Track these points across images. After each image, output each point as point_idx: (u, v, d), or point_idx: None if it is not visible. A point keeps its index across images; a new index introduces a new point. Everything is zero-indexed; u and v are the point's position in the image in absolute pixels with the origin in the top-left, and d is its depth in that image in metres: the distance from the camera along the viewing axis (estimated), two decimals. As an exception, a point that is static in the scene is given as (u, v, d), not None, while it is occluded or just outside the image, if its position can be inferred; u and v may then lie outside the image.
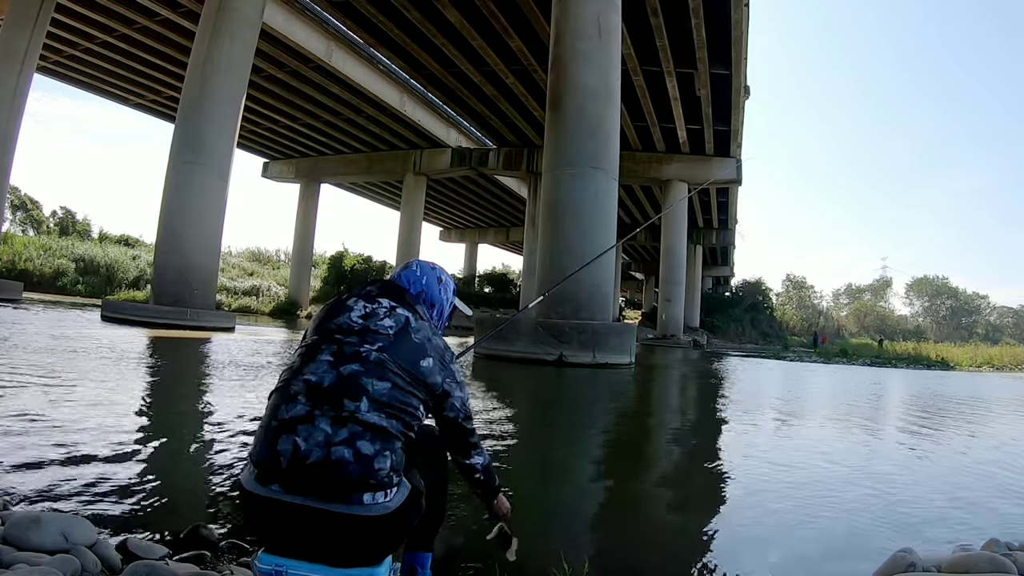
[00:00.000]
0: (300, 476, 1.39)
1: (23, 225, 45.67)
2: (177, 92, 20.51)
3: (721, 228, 45.79)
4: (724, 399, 9.39)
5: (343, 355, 1.52)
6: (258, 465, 1.44)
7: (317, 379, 1.48)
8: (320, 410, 1.44)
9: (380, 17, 20.09)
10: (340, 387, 1.47)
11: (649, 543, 2.77)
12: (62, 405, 4.39)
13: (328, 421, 1.42)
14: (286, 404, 1.47)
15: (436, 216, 52.87)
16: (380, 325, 1.60)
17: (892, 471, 4.50)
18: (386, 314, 1.63)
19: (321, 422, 1.42)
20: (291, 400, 1.47)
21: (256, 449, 1.47)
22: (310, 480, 1.38)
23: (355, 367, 1.50)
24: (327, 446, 1.40)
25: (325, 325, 1.61)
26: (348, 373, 1.49)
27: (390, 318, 1.62)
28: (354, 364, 1.50)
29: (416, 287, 1.84)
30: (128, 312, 15.27)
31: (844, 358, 27.43)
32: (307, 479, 1.39)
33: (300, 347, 1.62)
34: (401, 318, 1.64)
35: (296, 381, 1.50)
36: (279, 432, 1.43)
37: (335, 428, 1.42)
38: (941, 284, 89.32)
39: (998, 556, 2.14)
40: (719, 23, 19.56)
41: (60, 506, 2.42)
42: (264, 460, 1.43)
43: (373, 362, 1.51)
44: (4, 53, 18.06)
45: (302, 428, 1.42)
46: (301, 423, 1.43)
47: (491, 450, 4.24)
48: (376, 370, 1.50)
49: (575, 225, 12.99)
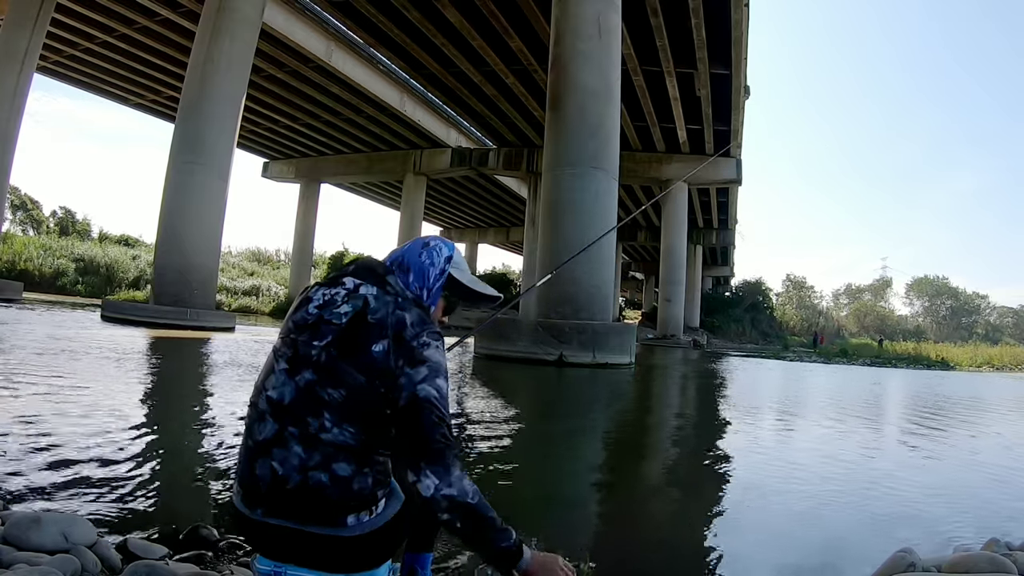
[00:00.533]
0: (281, 502, 1.32)
1: (23, 225, 45.68)
2: (177, 92, 20.50)
3: (721, 228, 45.75)
4: (724, 399, 9.40)
5: (297, 359, 1.37)
6: (242, 486, 1.38)
7: (278, 396, 1.36)
8: (288, 431, 1.32)
9: (380, 17, 20.07)
10: (300, 403, 1.33)
11: (649, 541, 2.77)
12: (61, 405, 4.39)
13: (299, 443, 1.31)
14: (258, 423, 1.37)
15: (436, 216, 52.84)
16: (335, 314, 1.39)
17: (893, 470, 4.50)
18: (345, 298, 1.42)
19: (293, 444, 1.31)
20: (261, 419, 1.36)
21: (239, 470, 1.41)
22: (291, 506, 1.32)
23: (308, 375, 1.34)
24: (303, 471, 1.30)
25: (287, 323, 1.46)
26: (304, 384, 1.34)
27: (348, 302, 1.41)
28: (307, 371, 1.35)
29: (393, 256, 1.57)
30: (128, 312, 15.27)
31: (844, 358, 27.44)
32: (288, 505, 1.32)
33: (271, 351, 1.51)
34: (360, 299, 1.41)
35: (261, 398, 1.39)
36: (256, 455, 1.35)
37: (308, 451, 1.30)
38: (941, 284, 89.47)
39: (998, 556, 2.14)
40: (719, 23, 19.56)
41: (60, 506, 2.42)
42: (246, 484, 1.37)
43: (324, 365, 1.34)
44: (4, 53, 18.05)
45: (277, 451, 1.32)
46: (275, 446, 1.33)
47: (491, 450, 4.23)
48: (328, 374, 1.33)
49: (575, 225, 12.97)
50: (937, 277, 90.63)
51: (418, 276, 1.54)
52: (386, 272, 1.48)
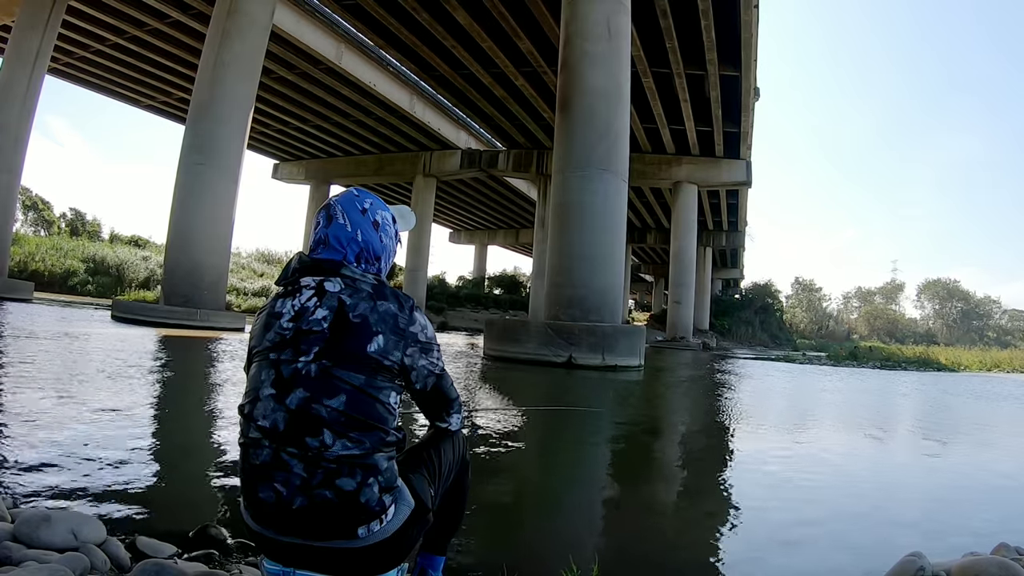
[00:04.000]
0: (288, 521, 1.31)
1: (34, 226, 45.98)
2: (187, 93, 20.60)
3: (731, 230, 45.66)
4: (734, 402, 9.35)
5: (283, 381, 1.34)
6: (248, 507, 1.37)
7: (270, 424, 1.32)
8: (287, 452, 1.31)
9: (390, 19, 20.12)
10: (295, 426, 1.31)
11: (655, 543, 2.74)
12: (71, 404, 4.41)
13: (299, 463, 1.30)
14: (253, 449, 1.35)
15: (446, 218, 53.00)
16: (312, 321, 1.36)
17: (904, 475, 4.46)
18: (316, 302, 1.39)
19: (294, 465, 1.30)
20: (256, 445, 1.34)
21: (243, 491, 1.39)
22: (299, 525, 1.31)
23: (300, 394, 1.31)
24: (307, 490, 1.30)
25: (261, 343, 1.41)
26: (296, 406, 1.31)
27: (322, 306, 1.38)
28: (298, 390, 1.32)
29: (353, 248, 1.49)
30: (138, 312, 15.36)
31: (853, 361, 27.29)
32: (295, 524, 1.31)
33: (251, 368, 1.44)
34: (334, 300, 1.38)
35: (252, 428, 1.36)
36: (256, 479, 1.34)
37: (309, 470, 1.30)
38: (952, 287, 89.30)
39: (1008, 560, 2.10)
40: (728, 24, 19.50)
41: (69, 504, 2.42)
42: (251, 505, 1.36)
43: (315, 378, 1.32)
44: (16, 55, 18.27)
45: (278, 474, 1.31)
46: (275, 469, 1.31)
47: (497, 451, 4.23)
48: (322, 386, 1.32)
49: (585, 227, 12.95)
50: (948, 280, 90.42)
51: (387, 259, 1.57)
52: (344, 268, 1.44)
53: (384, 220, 1.55)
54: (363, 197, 1.56)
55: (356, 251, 1.49)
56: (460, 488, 1.71)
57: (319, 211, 1.56)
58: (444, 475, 1.60)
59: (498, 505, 3.08)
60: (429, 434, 1.64)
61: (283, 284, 1.47)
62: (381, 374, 1.36)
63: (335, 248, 1.48)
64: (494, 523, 2.76)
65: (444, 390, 1.54)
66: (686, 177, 30.39)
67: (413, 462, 1.51)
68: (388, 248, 1.56)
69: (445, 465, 1.60)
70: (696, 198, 31.68)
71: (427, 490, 1.48)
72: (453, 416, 1.61)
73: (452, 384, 1.57)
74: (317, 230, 1.52)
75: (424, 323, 1.46)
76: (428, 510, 1.46)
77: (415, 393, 1.48)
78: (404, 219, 1.66)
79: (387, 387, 1.38)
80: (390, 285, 1.49)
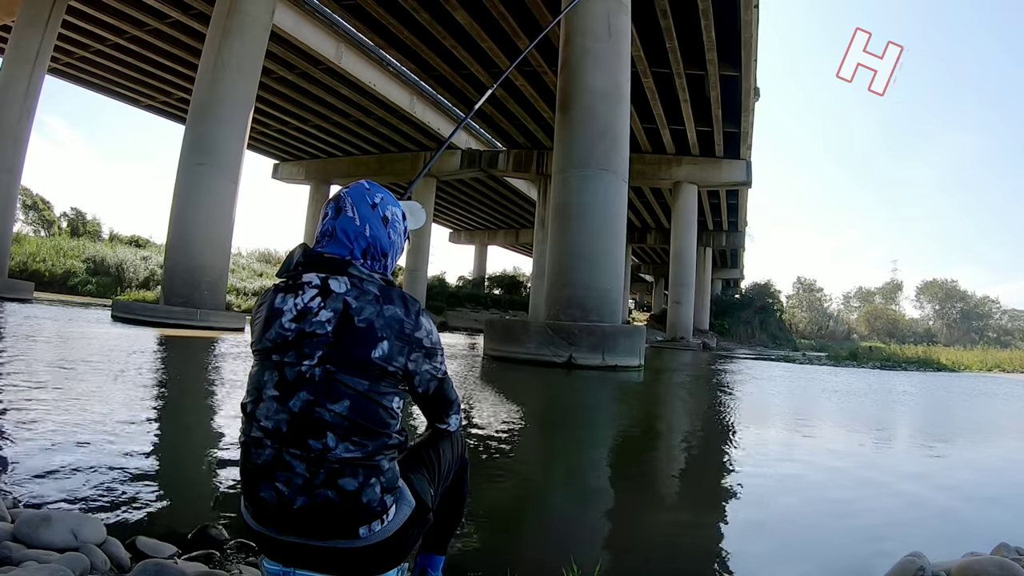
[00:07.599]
0: (290, 521, 1.31)
1: (35, 226, 45.92)
2: (187, 94, 20.61)
3: (731, 230, 45.66)
4: (735, 402, 9.34)
5: (286, 383, 1.32)
6: (249, 506, 1.37)
7: (273, 425, 1.32)
8: (289, 453, 1.30)
9: (390, 19, 20.15)
10: (298, 428, 1.30)
11: (656, 543, 2.74)
12: (71, 404, 4.40)
13: (302, 463, 1.30)
14: (255, 448, 1.34)
15: (446, 218, 52.99)
16: (316, 323, 1.34)
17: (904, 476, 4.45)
18: (320, 303, 1.35)
19: (296, 465, 1.30)
20: (258, 445, 1.33)
21: (243, 490, 1.39)
22: (300, 524, 1.31)
23: (304, 396, 1.30)
24: (309, 490, 1.29)
25: (262, 342, 1.38)
26: (300, 408, 1.30)
27: (326, 307, 1.35)
28: (302, 392, 1.31)
29: (360, 243, 1.44)
30: (138, 312, 15.36)
31: (853, 361, 27.27)
32: (297, 523, 1.31)
33: (252, 366, 1.42)
34: (339, 301, 1.35)
35: (254, 428, 1.34)
36: (258, 479, 1.33)
37: (312, 470, 1.29)
38: (951, 287, 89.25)
39: (1008, 561, 2.10)
40: (729, 25, 19.54)
41: (70, 504, 2.42)
42: (252, 505, 1.36)
43: (320, 382, 1.31)
44: (16, 54, 18.27)
45: (280, 474, 1.31)
46: (276, 468, 1.31)
47: (498, 450, 4.23)
48: (326, 390, 1.30)
49: (584, 227, 12.95)
50: (947, 280, 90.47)
51: (394, 256, 1.52)
52: (350, 266, 1.40)
53: (394, 216, 1.51)
54: (375, 191, 1.51)
55: (363, 246, 1.44)
56: (459, 488, 1.71)
57: (328, 202, 1.51)
58: (444, 475, 1.59)
59: (498, 505, 3.07)
60: (428, 434, 1.63)
61: (285, 276, 1.43)
62: (385, 379, 1.35)
63: (342, 242, 1.44)
64: (494, 523, 2.76)
65: (445, 393, 1.54)
66: (686, 177, 30.42)
67: (413, 462, 1.50)
68: (396, 245, 1.52)
69: (445, 465, 1.60)
70: (696, 198, 31.71)
71: (427, 490, 1.48)
72: (452, 417, 1.62)
73: (452, 386, 1.58)
74: (325, 221, 1.48)
75: (430, 327, 1.44)
76: (428, 510, 1.46)
77: (416, 396, 1.49)
78: (414, 216, 1.62)
79: (390, 392, 1.37)
80: (397, 286, 1.46)
